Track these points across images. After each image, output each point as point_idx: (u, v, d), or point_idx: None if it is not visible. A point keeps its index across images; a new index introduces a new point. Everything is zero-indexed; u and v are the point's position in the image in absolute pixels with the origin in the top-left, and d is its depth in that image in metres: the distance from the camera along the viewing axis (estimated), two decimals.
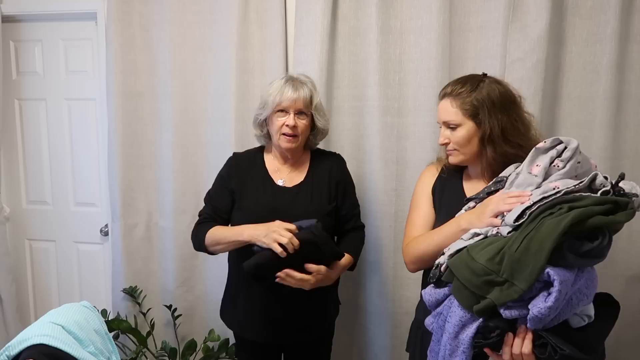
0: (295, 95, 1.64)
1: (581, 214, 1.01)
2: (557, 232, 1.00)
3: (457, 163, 1.44)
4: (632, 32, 1.85)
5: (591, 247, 1.03)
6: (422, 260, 1.41)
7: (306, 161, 1.77)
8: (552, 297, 1.00)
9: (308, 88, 1.67)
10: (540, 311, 1.01)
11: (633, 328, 1.95)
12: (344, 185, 1.78)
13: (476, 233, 1.20)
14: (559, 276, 1.00)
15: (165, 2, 2.21)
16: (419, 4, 1.95)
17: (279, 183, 1.72)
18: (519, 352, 1.07)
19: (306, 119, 1.68)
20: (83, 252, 2.68)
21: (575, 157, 1.15)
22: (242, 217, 1.68)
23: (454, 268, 1.14)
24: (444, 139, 1.42)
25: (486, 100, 1.35)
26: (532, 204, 1.09)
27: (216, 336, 2.31)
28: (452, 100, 1.38)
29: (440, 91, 1.45)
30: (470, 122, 1.37)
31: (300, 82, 1.68)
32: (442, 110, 1.41)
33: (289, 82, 1.66)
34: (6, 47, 2.54)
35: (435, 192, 1.50)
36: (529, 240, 1.04)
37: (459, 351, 1.12)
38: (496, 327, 1.08)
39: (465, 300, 1.11)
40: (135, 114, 2.31)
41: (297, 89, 1.65)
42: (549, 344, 1.05)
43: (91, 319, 1.43)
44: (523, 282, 1.02)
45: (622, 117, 1.88)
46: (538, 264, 1.01)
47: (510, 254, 1.04)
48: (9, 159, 2.66)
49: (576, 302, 1.06)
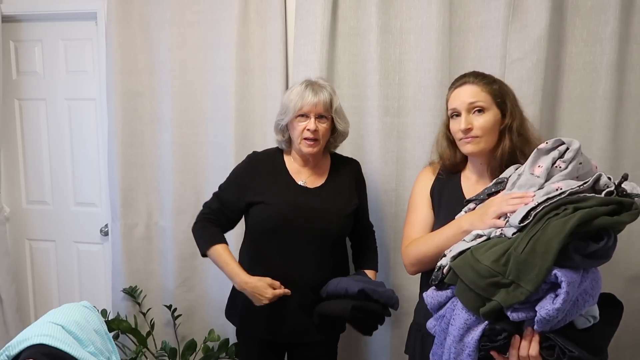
0: (315, 100, 1.64)
1: (587, 215, 1.00)
2: (563, 233, 0.99)
3: (473, 153, 1.39)
4: (632, 32, 1.85)
5: (597, 248, 1.02)
6: (422, 262, 1.40)
7: (326, 165, 1.79)
8: (560, 299, 0.99)
9: (328, 92, 1.67)
10: (548, 313, 0.99)
11: (633, 328, 1.95)
12: (362, 190, 1.84)
13: (479, 234, 1.19)
14: (566, 277, 0.99)
15: (165, 2, 2.21)
16: (419, 4, 1.95)
17: (300, 183, 1.73)
18: (526, 355, 1.06)
19: (327, 122, 1.68)
20: (83, 252, 2.68)
21: (578, 158, 1.15)
22: (264, 213, 1.68)
23: (458, 270, 1.13)
24: (467, 124, 1.36)
25: (509, 92, 1.41)
26: (537, 204, 1.08)
27: (216, 336, 2.31)
28: (480, 84, 1.38)
29: (455, 82, 1.44)
30: (497, 110, 1.38)
31: (320, 86, 1.68)
32: (468, 93, 1.38)
33: (309, 86, 1.66)
34: (6, 47, 2.54)
35: (434, 194, 1.49)
36: (535, 241, 1.02)
37: (464, 354, 1.10)
38: (503, 329, 1.07)
39: (470, 302, 1.10)
40: (135, 114, 2.31)
41: (317, 93, 1.65)
42: (556, 346, 1.04)
43: (91, 319, 1.43)
44: (530, 283, 1.01)
45: (622, 117, 1.88)
46: (545, 265, 0.99)
47: (516, 255, 1.03)
48: (9, 159, 2.66)
49: (582, 303, 1.05)
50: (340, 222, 1.71)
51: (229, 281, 1.73)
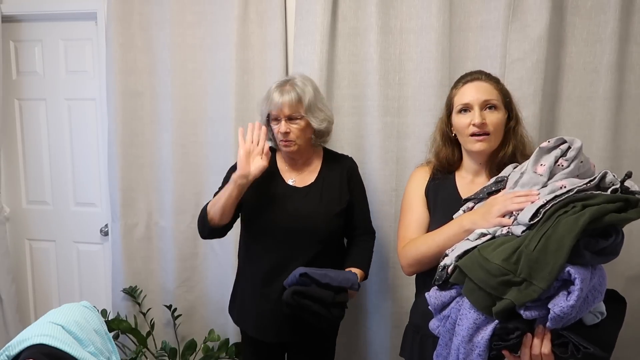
0: (281, 101, 1.59)
1: (597, 212, 1.01)
2: (576, 230, 0.99)
3: (482, 150, 1.37)
4: (632, 32, 1.85)
5: (606, 245, 1.03)
6: (421, 262, 1.38)
7: (317, 162, 1.76)
8: (574, 295, 0.99)
9: (296, 91, 1.61)
10: (562, 310, 1.00)
11: (633, 328, 1.95)
12: (355, 188, 1.77)
13: (483, 233, 1.19)
14: (579, 274, 1.00)
15: (165, 2, 2.21)
16: (419, 4, 1.95)
17: (289, 182, 1.72)
18: (539, 353, 1.06)
19: (300, 122, 1.64)
20: (83, 252, 2.68)
21: (579, 156, 1.16)
22: (251, 213, 1.69)
23: (466, 269, 1.12)
24: (482, 119, 1.34)
25: (511, 94, 1.42)
26: (546, 202, 1.09)
27: (216, 336, 2.31)
28: (492, 83, 1.38)
29: (463, 78, 1.43)
30: (504, 109, 1.38)
31: (291, 84, 1.62)
32: (480, 89, 1.37)
33: (278, 88, 1.62)
34: (6, 47, 2.54)
35: (429, 194, 1.48)
36: (546, 238, 1.02)
37: (474, 354, 1.09)
38: (516, 328, 1.07)
39: (479, 301, 1.09)
40: (135, 114, 2.31)
41: (284, 94, 1.60)
42: (570, 342, 1.04)
43: (91, 319, 1.43)
44: (543, 281, 1.00)
45: (622, 117, 1.88)
46: (558, 262, 0.99)
47: (528, 253, 1.03)
48: (9, 159, 2.66)
49: (592, 300, 1.05)
50: (328, 221, 1.67)
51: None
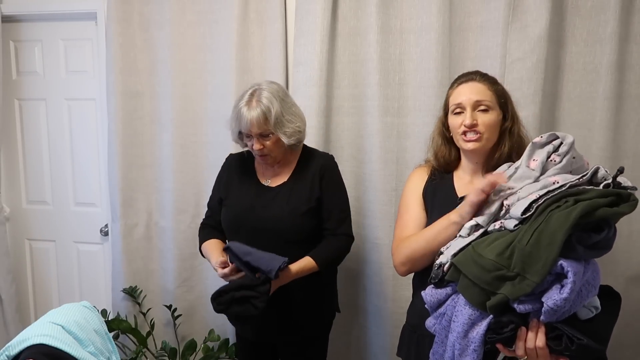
0: (248, 119, 1.55)
1: (589, 206, 1.02)
2: (567, 225, 1.01)
3: (474, 149, 1.37)
4: (632, 32, 1.85)
5: (599, 239, 1.04)
6: (413, 259, 1.38)
7: (294, 161, 1.73)
8: (567, 289, 1.01)
9: (261, 108, 1.55)
10: (555, 303, 1.01)
11: (633, 328, 1.95)
12: (328, 185, 1.69)
13: (473, 226, 1.20)
14: (572, 268, 1.01)
15: (165, 2, 2.21)
16: (419, 4, 1.95)
17: (265, 183, 1.73)
18: (533, 346, 1.07)
19: (272, 137, 1.59)
20: (83, 252, 2.68)
21: (571, 152, 1.18)
22: (225, 215, 1.73)
23: (461, 266, 1.13)
24: (472, 120, 1.34)
25: (508, 94, 1.42)
26: (539, 197, 1.10)
27: (216, 336, 2.31)
28: (486, 84, 1.38)
29: (459, 78, 1.43)
30: (499, 110, 1.38)
31: (257, 100, 1.56)
32: (474, 90, 1.37)
33: (246, 104, 1.57)
34: (6, 47, 2.54)
35: (427, 195, 1.48)
36: (539, 233, 1.04)
37: (469, 350, 1.11)
38: (510, 321, 1.08)
39: (474, 297, 1.11)
40: (135, 114, 2.31)
41: (251, 111, 1.55)
42: (564, 335, 1.06)
43: (91, 319, 1.43)
44: (536, 275, 1.02)
45: (622, 117, 1.88)
46: (551, 256, 1.01)
47: (521, 247, 1.05)
48: (9, 159, 2.66)
49: (585, 294, 1.07)
50: (292, 221, 1.63)
51: None
